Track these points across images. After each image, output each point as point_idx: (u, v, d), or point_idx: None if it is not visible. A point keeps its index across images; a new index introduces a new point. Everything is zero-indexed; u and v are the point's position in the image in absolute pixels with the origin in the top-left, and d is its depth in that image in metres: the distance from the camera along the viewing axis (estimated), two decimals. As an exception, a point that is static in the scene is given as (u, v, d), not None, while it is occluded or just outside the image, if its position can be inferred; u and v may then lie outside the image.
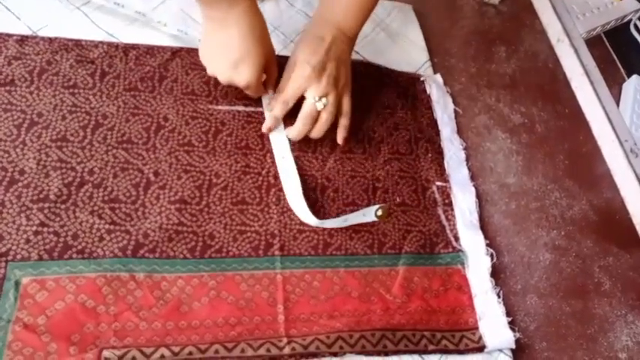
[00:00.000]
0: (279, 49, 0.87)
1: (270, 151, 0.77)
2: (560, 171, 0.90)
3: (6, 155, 0.68)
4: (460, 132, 0.87)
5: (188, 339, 0.61)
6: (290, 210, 0.73)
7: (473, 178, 0.83)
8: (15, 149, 0.68)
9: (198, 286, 0.65)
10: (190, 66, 0.81)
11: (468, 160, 0.84)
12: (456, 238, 0.76)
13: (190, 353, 0.60)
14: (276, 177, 0.75)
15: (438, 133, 0.85)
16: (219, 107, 0.79)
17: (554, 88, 1.01)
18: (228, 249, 0.69)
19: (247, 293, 0.66)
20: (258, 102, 0.81)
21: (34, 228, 0.64)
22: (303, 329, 0.65)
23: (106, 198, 0.68)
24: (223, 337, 0.62)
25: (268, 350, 0.62)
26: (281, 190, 0.74)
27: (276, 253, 0.69)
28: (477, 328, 0.70)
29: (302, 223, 0.72)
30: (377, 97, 0.87)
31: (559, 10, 1.09)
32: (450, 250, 0.75)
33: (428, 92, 0.89)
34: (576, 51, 1.02)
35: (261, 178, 0.75)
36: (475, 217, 0.78)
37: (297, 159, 0.77)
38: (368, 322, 0.67)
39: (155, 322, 0.62)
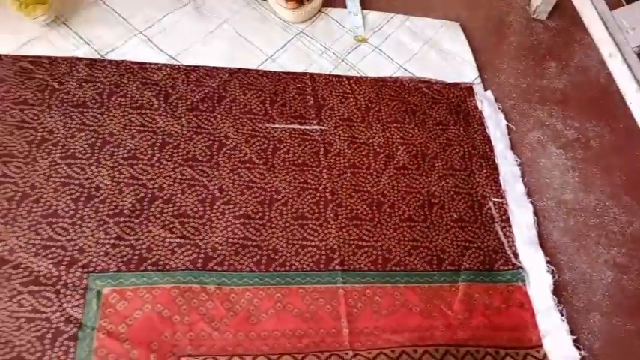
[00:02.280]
0: (330, 69, 0.97)
1: (326, 167, 0.86)
2: (618, 187, 0.96)
3: (82, 172, 0.78)
4: (513, 148, 0.95)
5: (258, 349, 0.69)
6: (348, 225, 0.81)
7: (529, 194, 0.90)
8: (90, 167, 0.79)
9: (264, 298, 0.73)
10: (247, 86, 0.91)
11: (523, 176, 0.91)
12: (516, 255, 0.83)
13: (261, 362, 0.68)
14: (333, 193, 0.84)
15: (491, 149, 0.93)
16: (276, 126, 0.89)
17: (607, 104, 1.07)
18: (291, 263, 0.77)
19: (311, 306, 0.74)
20: (312, 120, 0.90)
21: (112, 241, 0.74)
22: (367, 343, 0.72)
23: (175, 213, 0.77)
24: (291, 348, 0.70)
25: (335, 361, 0.69)
26: (339, 205, 0.83)
27: (337, 267, 0.77)
28: (541, 346, 0.76)
29: (361, 239, 0.80)
30: (428, 114, 0.95)
31: (609, 25, 1.15)
32: (510, 267, 0.82)
33: (480, 108, 0.97)
34: (629, 67, 1.08)
35: (318, 194, 0.83)
36: (534, 233, 0.85)
37: (352, 176, 0.86)
38: (431, 338, 0.73)
39: (227, 332, 0.70)
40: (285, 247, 0.78)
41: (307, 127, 0.89)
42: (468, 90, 1.00)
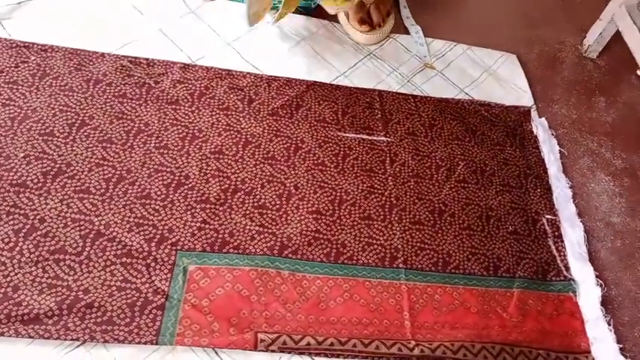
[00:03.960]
0: (397, 88, 1.04)
1: (391, 175, 0.91)
2: (663, 216, 0.99)
3: (174, 162, 0.85)
4: (565, 172, 0.99)
5: (327, 332, 0.74)
6: (411, 229, 0.86)
7: (579, 214, 0.94)
8: (181, 157, 0.86)
9: (333, 287, 0.78)
10: (322, 97, 0.98)
11: (574, 197, 0.95)
12: (567, 268, 0.86)
13: (332, 344, 0.72)
14: (397, 198, 0.89)
15: (545, 170, 0.98)
16: (347, 134, 0.95)
17: (653, 139, 1.12)
18: (358, 257, 0.81)
19: (376, 298, 0.78)
20: (379, 132, 0.96)
21: (198, 224, 0.80)
22: (427, 335, 0.76)
23: (255, 204, 0.83)
24: (358, 334, 0.74)
25: (400, 349, 0.73)
26: (403, 210, 0.87)
27: (401, 265, 0.82)
28: (589, 352, 0.79)
29: (422, 242, 0.85)
30: (487, 135, 1.00)
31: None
32: (562, 278, 0.86)
33: (535, 133, 1.02)
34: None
35: (384, 199, 0.88)
36: (584, 249, 0.88)
37: (415, 184, 0.91)
38: (487, 336, 0.77)
39: (299, 315, 0.74)
40: (352, 242, 0.83)
41: (375, 138, 0.95)
42: (524, 114, 1.05)
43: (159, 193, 0.82)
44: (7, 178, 0.78)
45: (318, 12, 1.11)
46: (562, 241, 0.89)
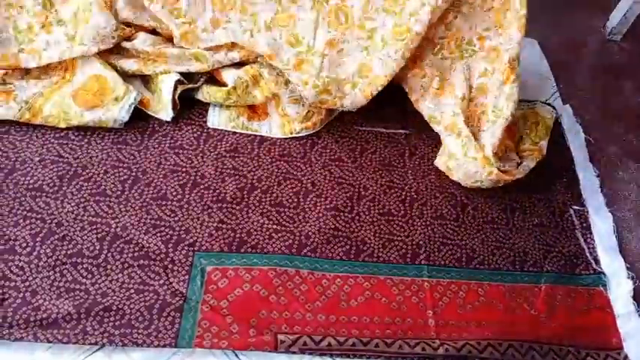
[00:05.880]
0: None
1: (411, 168, 0.88)
2: (696, 203, 0.93)
3: (189, 161, 0.83)
4: (592, 160, 0.94)
5: (349, 332, 0.70)
6: (434, 224, 0.82)
7: (607, 204, 0.89)
8: (196, 157, 0.83)
9: (354, 286, 0.75)
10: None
11: (601, 187, 0.90)
12: (596, 261, 0.82)
13: (353, 344, 0.69)
14: (418, 192, 0.85)
15: (571, 159, 0.93)
16: (363, 128, 0.91)
17: (684, 122, 1.05)
18: (379, 254, 0.78)
19: (399, 297, 0.74)
20: (397, 124, 0.92)
21: (215, 224, 0.77)
22: (452, 334, 0.72)
23: (272, 202, 0.81)
24: (380, 334, 0.71)
25: (423, 349, 0.69)
26: (424, 204, 0.84)
27: (423, 262, 0.78)
28: (621, 348, 0.74)
29: (445, 237, 0.81)
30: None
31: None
32: (591, 272, 0.81)
33: (559, 120, 0.97)
34: None
35: (404, 193, 0.85)
36: (614, 241, 0.83)
37: (436, 177, 0.87)
38: (514, 333, 0.73)
39: (319, 315, 0.72)
40: (372, 239, 0.80)
41: (392, 131, 0.92)
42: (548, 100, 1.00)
43: (175, 193, 0.79)
44: (23, 182, 0.77)
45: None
46: (590, 233, 0.85)
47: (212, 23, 0.84)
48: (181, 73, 0.86)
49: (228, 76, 0.86)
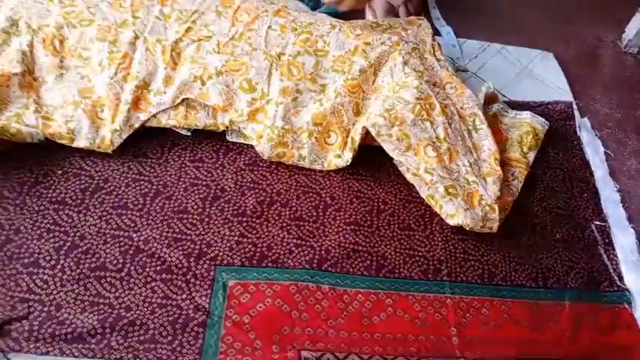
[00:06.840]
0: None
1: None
2: None
3: (209, 175, 0.82)
4: (612, 175, 0.93)
5: (372, 349, 0.70)
6: (454, 239, 0.81)
7: (629, 219, 0.87)
8: (216, 170, 0.83)
9: (376, 302, 0.74)
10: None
11: (623, 202, 0.89)
12: (620, 278, 0.81)
13: (377, 361, 0.68)
14: (439, 207, 0.84)
15: (591, 174, 0.92)
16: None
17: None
18: (400, 270, 0.77)
19: (421, 313, 0.73)
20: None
21: (236, 238, 0.77)
22: (477, 352, 0.71)
23: (292, 216, 0.80)
24: (404, 351, 0.70)
25: (447, 367, 0.68)
26: (443, 219, 0.82)
27: (445, 278, 0.77)
28: (647, 368, 0.73)
29: (466, 252, 0.80)
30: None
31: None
32: (615, 289, 0.80)
33: (578, 134, 0.96)
34: None
35: (424, 207, 0.84)
36: (637, 257, 0.82)
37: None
38: (540, 351, 0.72)
39: (342, 331, 0.71)
40: (393, 255, 0.79)
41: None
42: (566, 113, 0.99)
43: (195, 207, 0.79)
44: (46, 195, 0.77)
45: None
46: (613, 249, 0.83)
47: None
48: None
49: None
